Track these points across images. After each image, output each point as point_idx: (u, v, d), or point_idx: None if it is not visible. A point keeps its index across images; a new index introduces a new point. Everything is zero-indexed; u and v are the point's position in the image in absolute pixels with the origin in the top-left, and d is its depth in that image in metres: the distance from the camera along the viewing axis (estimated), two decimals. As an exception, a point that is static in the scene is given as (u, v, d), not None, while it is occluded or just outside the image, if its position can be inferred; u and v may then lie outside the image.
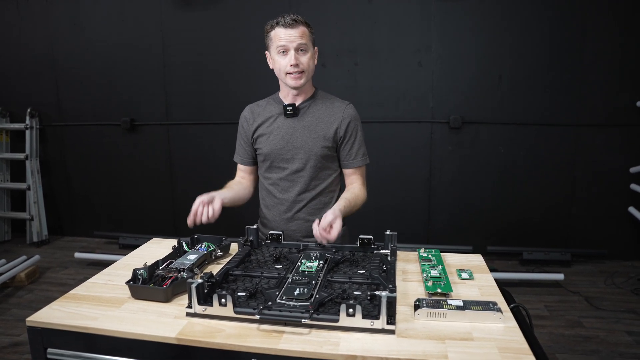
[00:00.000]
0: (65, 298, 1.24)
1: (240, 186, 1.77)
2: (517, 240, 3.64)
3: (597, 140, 3.47)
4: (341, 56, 3.63)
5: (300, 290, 1.15)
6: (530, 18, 3.38)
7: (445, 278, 1.29)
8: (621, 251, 3.58)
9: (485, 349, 0.98)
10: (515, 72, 3.46)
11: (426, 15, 3.48)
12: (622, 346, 2.48)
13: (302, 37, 1.58)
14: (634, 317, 2.77)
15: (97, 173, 4.18)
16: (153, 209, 4.12)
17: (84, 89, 4.04)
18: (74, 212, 4.33)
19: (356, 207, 1.64)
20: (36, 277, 3.42)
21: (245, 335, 1.03)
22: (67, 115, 4.13)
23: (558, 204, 3.60)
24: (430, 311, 1.10)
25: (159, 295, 1.19)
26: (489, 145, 3.59)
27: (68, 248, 4.03)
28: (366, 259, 1.43)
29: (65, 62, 4.04)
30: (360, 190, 1.69)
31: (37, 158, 4.11)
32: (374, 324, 1.03)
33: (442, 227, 3.75)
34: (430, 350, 0.97)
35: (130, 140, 4.05)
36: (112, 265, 1.47)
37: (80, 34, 3.96)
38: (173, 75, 3.89)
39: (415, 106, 3.62)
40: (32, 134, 4.05)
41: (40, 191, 4.12)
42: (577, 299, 3.02)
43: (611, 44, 3.33)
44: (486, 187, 3.64)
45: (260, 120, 1.72)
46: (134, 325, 1.08)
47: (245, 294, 1.18)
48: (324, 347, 0.98)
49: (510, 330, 1.06)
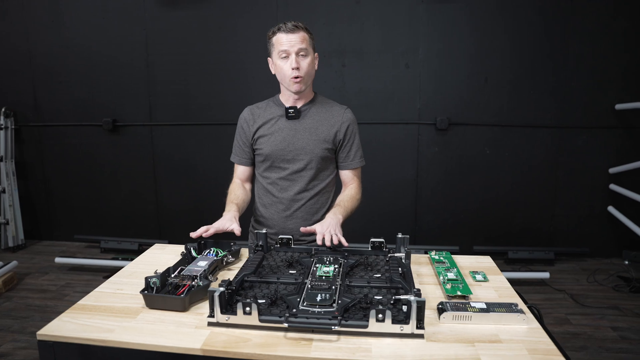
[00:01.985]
0: (74, 309, 1.18)
1: (244, 192, 1.78)
2: (502, 239, 3.72)
3: (579, 141, 3.58)
4: (329, 57, 3.62)
5: (322, 296, 1.14)
6: (515, 22, 3.46)
7: (462, 280, 1.30)
8: (602, 249, 3.70)
9: (515, 351, 0.99)
10: (500, 74, 3.53)
11: (414, 17, 3.51)
12: (608, 342, 2.56)
13: (303, 42, 1.62)
14: (618, 312, 2.87)
15: (77, 175, 4.04)
16: (136, 212, 4.02)
17: (63, 88, 3.90)
18: (53, 215, 4.18)
19: (353, 210, 1.72)
20: (14, 284, 3.28)
21: (274, 345, 1.01)
22: (45, 115, 3.98)
23: (541, 204, 3.69)
24: (456, 314, 1.10)
25: (177, 304, 1.15)
26: (475, 146, 3.65)
27: (47, 253, 3.88)
28: (379, 263, 1.43)
29: (43, 60, 3.89)
30: (357, 192, 1.78)
31: (12, 159, 3.94)
32: (403, 328, 1.02)
33: (429, 227, 3.79)
34: (463, 353, 0.98)
35: (112, 142, 3.93)
36: (118, 273, 1.41)
37: (59, 30, 3.82)
38: (157, 75, 3.80)
39: (402, 107, 3.65)
40: (7, 135, 3.88)
41: (15, 194, 3.95)
42: (563, 296, 3.10)
43: (592, 49, 3.44)
44: (472, 188, 3.70)
45: (261, 122, 1.75)
46: (154, 336, 1.04)
47: (266, 301, 1.15)
48: (357, 354, 0.97)
49: (534, 331, 1.08)
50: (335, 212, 1.59)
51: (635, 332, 2.64)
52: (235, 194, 1.72)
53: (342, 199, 1.71)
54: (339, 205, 1.66)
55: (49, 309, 2.93)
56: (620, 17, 3.37)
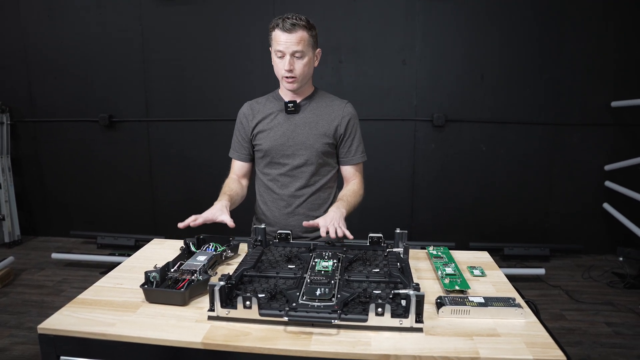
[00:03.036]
0: (74, 303, 1.18)
1: (239, 187, 1.75)
2: (498, 236, 3.74)
3: (574, 138, 3.60)
4: (325, 54, 3.57)
5: (321, 290, 1.14)
6: (511, 19, 3.47)
7: (460, 275, 1.31)
8: (597, 246, 3.73)
9: (513, 345, 1.00)
10: (496, 72, 3.54)
11: (410, 13, 3.51)
12: (602, 337, 2.59)
13: (299, 44, 1.59)
14: (612, 308, 2.90)
15: (73, 171, 4.03)
16: (132, 207, 4.01)
17: (58, 83, 3.88)
18: (48, 211, 4.16)
19: (356, 205, 1.70)
20: (10, 279, 3.27)
21: (273, 338, 1.01)
22: (41, 111, 3.96)
23: (537, 200, 3.72)
24: (454, 308, 1.11)
25: (177, 298, 1.16)
26: (471, 143, 3.66)
27: (43, 248, 3.87)
28: (377, 257, 1.44)
29: (38, 55, 3.86)
30: (359, 187, 1.76)
31: (8, 155, 3.92)
32: (402, 322, 1.03)
33: (425, 223, 3.80)
34: (461, 346, 0.99)
35: (109, 137, 3.92)
36: (117, 267, 1.41)
37: (55, 25, 3.79)
38: (153, 71, 3.78)
39: (399, 104, 3.65)
40: (2, 130, 3.85)
41: (11, 190, 3.93)
42: (558, 292, 3.13)
43: (587, 47, 3.46)
44: (468, 185, 3.72)
45: (260, 117, 1.74)
46: (155, 330, 1.05)
47: (265, 295, 1.16)
48: (357, 347, 0.98)
49: (532, 325, 1.09)
50: (338, 205, 1.56)
51: (629, 327, 2.67)
52: (229, 187, 1.69)
53: (344, 194, 1.68)
54: (342, 199, 1.63)
55: (45, 304, 2.92)
56: (615, 14, 3.39)
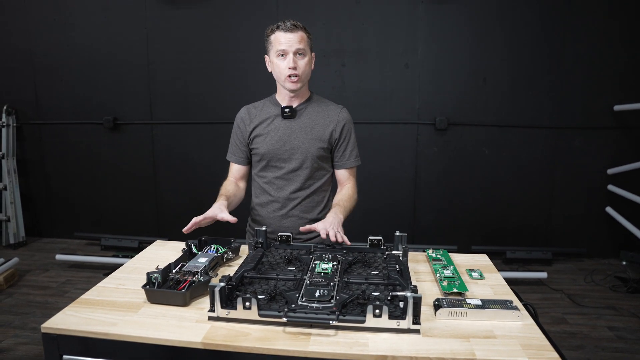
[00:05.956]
0: (77, 303, 1.20)
1: (236, 188, 1.79)
2: (500, 239, 3.74)
3: (576, 142, 3.60)
4: (328, 57, 3.64)
5: (320, 291, 1.16)
6: (514, 23, 3.48)
7: (458, 278, 1.32)
8: (599, 250, 3.72)
9: (510, 347, 1.01)
10: (499, 75, 3.55)
11: (413, 17, 3.53)
12: (604, 341, 2.59)
13: (301, 42, 1.64)
14: (614, 312, 2.89)
15: (78, 173, 4.06)
16: (136, 209, 4.04)
17: (64, 86, 3.92)
18: (53, 212, 4.20)
19: (351, 210, 1.73)
20: (15, 280, 3.30)
21: (272, 339, 1.03)
22: (46, 113, 4.00)
23: (539, 204, 3.72)
24: (452, 310, 1.12)
25: (178, 299, 1.18)
26: (473, 146, 3.67)
27: (47, 250, 3.91)
28: (377, 260, 1.45)
29: (44, 58, 3.90)
30: (353, 192, 1.79)
31: (13, 157, 3.96)
32: (400, 324, 1.04)
33: (427, 226, 3.81)
34: (457, 348, 1.00)
35: (113, 140, 3.95)
36: (120, 268, 1.43)
37: (60, 28, 3.83)
38: (157, 74, 3.82)
39: (401, 107, 3.67)
40: (8, 132, 3.90)
41: (17, 191, 3.97)
42: (560, 296, 3.13)
43: (590, 50, 3.46)
44: (470, 188, 3.73)
45: (258, 121, 1.77)
46: (156, 330, 1.06)
47: (265, 297, 1.17)
48: (354, 348, 0.99)
49: (528, 327, 1.10)
50: (336, 211, 1.60)
51: (631, 331, 2.66)
52: (226, 189, 1.74)
53: (340, 199, 1.72)
54: (339, 205, 1.67)
55: (49, 305, 2.95)
56: (618, 18, 3.39)
